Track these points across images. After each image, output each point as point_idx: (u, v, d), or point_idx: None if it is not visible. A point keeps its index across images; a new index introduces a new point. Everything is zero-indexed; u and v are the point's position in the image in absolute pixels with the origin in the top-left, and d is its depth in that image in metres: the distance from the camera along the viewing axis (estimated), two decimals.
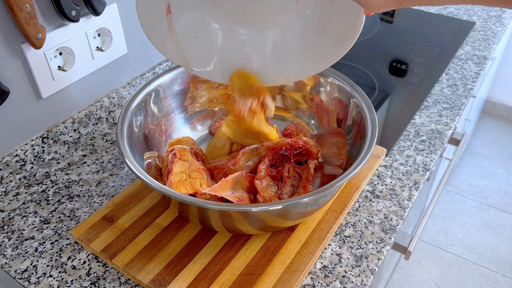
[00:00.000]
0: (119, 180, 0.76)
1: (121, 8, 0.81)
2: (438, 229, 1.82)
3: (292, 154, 0.67)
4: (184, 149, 0.65)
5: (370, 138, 0.61)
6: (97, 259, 0.63)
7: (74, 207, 0.71)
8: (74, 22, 0.71)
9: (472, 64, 1.08)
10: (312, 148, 0.67)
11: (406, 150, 0.82)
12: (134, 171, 0.56)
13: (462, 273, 1.66)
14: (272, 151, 0.67)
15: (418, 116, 0.91)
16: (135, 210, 0.67)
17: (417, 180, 0.76)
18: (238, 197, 0.61)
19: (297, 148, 0.67)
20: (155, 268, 0.59)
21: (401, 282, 1.63)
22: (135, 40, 0.87)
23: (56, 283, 0.60)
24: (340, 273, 0.61)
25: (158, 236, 0.63)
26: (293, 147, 0.67)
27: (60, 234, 0.67)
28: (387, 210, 0.70)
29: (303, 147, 0.67)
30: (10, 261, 0.63)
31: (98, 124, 0.85)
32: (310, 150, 0.67)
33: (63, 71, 0.75)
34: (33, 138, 0.75)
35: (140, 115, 0.68)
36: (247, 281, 0.58)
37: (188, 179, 0.62)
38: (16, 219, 0.69)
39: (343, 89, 0.71)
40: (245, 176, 0.64)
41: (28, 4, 0.62)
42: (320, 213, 0.66)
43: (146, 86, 0.70)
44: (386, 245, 0.65)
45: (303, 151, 0.67)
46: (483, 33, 1.21)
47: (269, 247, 0.62)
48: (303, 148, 0.67)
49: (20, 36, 0.66)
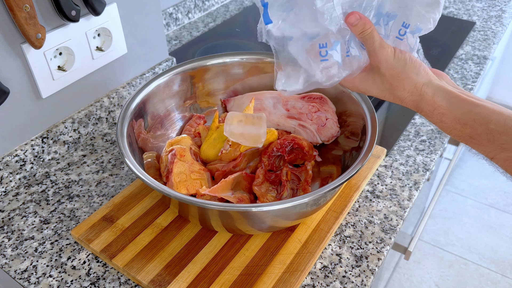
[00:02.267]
0: (119, 180, 0.76)
1: (121, 8, 0.81)
2: (438, 229, 1.82)
3: (284, 151, 0.67)
4: (184, 149, 0.65)
5: (370, 138, 0.61)
6: (97, 259, 0.63)
7: (74, 207, 0.71)
8: (74, 22, 0.71)
9: (472, 64, 1.08)
10: (302, 142, 0.68)
11: (406, 150, 0.82)
12: (134, 171, 0.56)
13: (462, 273, 1.66)
14: (265, 155, 0.67)
15: (418, 116, 0.91)
16: (135, 210, 0.67)
17: (417, 180, 0.76)
18: (238, 198, 0.61)
19: (287, 144, 0.67)
20: (155, 268, 0.59)
21: (401, 282, 1.63)
22: (135, 40, 0.86)
23: (56, 283, 0.60)
24: (340, 273, 0.61)
25: (158, 236, 0.63)
26: (283, 145, 0.67)
27: (60, 234, 0.67)
28: (387, 210, 0.70)
29: (292, 141, 0.67)
30: (10, 261, 0.63)
31: (98, 124, 0.85)
32: (301, 144, 0.67)
33: (63, 71, 0.74)
34: (33, 138, 0.75)
35: (140, 115, 0.68)
36: (247, 281, 0.58)
37: (188, 180, 0.62)
38: (16, 219, 0.69)
39: (343, 88, 0.71)
40: (245, 176, 0.64)
41: (28, 4, 0.62)
42: (320, 213, 0.66)
43: (146, 86, 0.70)
44: (386, 245, 0.65)
45: (294, 145, 0.67)
46: (483, 33, 1.21)
47: (269, 247, 0.62)
48: (293, 142, 0.67)
49: (20, 36, 0.66)
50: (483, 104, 0.50)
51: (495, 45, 1.16)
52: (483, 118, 0.49)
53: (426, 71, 0.54)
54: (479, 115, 0.49)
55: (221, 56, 0.77)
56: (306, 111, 0.73)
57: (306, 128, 0.73)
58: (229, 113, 0.65)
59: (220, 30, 1.26)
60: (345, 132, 0.71)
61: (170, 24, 1.23)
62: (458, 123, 0.51)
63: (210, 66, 0.76)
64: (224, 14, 1.34)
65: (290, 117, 0.75)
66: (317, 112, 0.72)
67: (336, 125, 0.71)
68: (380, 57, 0.53)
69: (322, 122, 0.72)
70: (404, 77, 0.53)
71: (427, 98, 0.52)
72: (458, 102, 0.51)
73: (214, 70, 0.77)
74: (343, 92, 0.71)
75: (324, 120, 0.72)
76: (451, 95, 0.51)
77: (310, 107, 0.72)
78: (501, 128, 0.48)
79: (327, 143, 0.73)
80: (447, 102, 0.51)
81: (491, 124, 0.48)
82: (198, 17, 1.32)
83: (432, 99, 0.52)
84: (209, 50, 1.15)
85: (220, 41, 1.20)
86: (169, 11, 1.20)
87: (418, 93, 0.53)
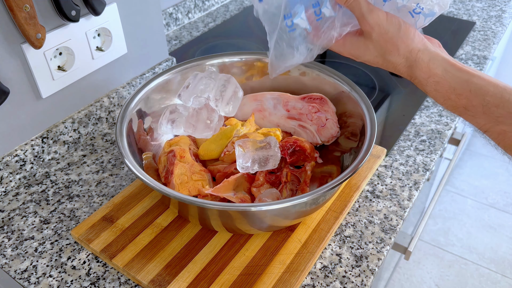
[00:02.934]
0: (119, 180, 0.76)
1: (121, 8, 0.81)
2: (438, 229, 1.82)
3: (286, 154, 0.67)
4: (184, 150, 0.65)
5: (369, 138, 0.61)
6: (97, 259, 0.63)
7: (74, 207, 0.71)
8: (74, 22, 0.71)
9: (472, 64, 1.08)
10: (304, 144, 0.67)
11: (406, 150, 0.82)
12: (134, 171, 0.56)
13: (462, 273, 1.66)
14: None
15: (418, 116, 0.91)
16: (135, 210, 0.67)
17: (417, 180, 0.76)
18: (240, 198, 0.61)
19: (289, 147, 0.67)
20: (155, 268, 0.59)
21: (401, 282, 1.63)
22: (135, 40, 0.87)
23: (56, 283, 0.60)
24: (340, 273, 0.61)
25: (158, 236, 0.63)
26: (285, 147, 0.67)
27: (60, 234, 0.67)
28: (387, 210, 0.70)
29: (294, 143, 0.67)
30: (10, 261, 0.63)
31: (98, 124, 0.85)
32: (303, 146, 0.67)
33: (63, 71, 0.74)
34: (33, 138, 0.75)
35: (139, 114, 0.68)
36: (247, 281, 0.58)
37: (190, 181, 0.62)
38: (16, 219, 0.69)
39: (343, 89, 0.71)
40: (246, 177, 0.64)
41: (28, 4, 0.62)
42: (320, 213, 0.66)
43: (146, 85, 0.70)
44: (386, 245, 0.65)
45: (296, 147, 0.67)
46: (483, 33, 1.21)
47: (269, 247, 0.62)
48: (295, 144, 0.67)
49: (20, 36, 0.66)
50: (479, 75, 0.48)
51: (495, 45, 1.16)
52: (479, 89, 0.48)
53: (421, 37, 0.52)
54: (475, 86, 0.48)
55: (220, 56, 0.77)
56: (306, 111, 0.73)
57: (306, 128, 0.73)
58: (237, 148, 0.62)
59: (220, 30, 1.26)
60: (345, 132, 0.71)
61: (170, 24, 1.23)
62: (453, 93, 0.49)
63: (209, 66, 0.76)
64: (224, 14, 1.34)
65: (290, 117, 0.75)
66: (317, 113, 0.72)
67: (336, 125, 0.71)
68: (371, 22, 0.51)
69: (322, 122, 0.72)
70: (399, 42, 0.51)
71: (422, 64, 0.51)
72: (454, 71, 0.49)
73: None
74: (342, 92, 0.71)
75: (324, 121, 0.72)
76: (447, 63, 0.50)
77: (310, 108, 0.72)
78: (497, 101, 0.47)
79: (327, 143, 0.73)
80: (443, 69, 0.50)
81: (487, 96, 0.47)
82: (198, 17, 1.32)
83: (427, 65, 0.51)
84: (209, 50, 1.15)
85: (220, 41, 1.20)
86: (169, 11, 1.20)
87: (413, 59, 0.51)
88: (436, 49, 0.52)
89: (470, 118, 0.50)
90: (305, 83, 0.76)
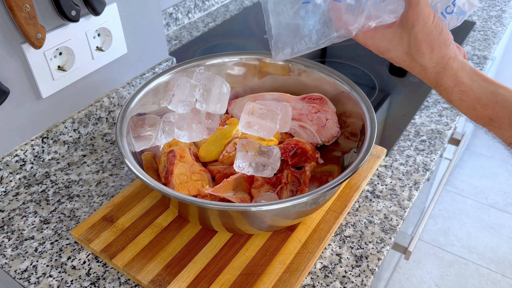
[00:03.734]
0: (119, 180, 0.76)
1: (121, 8, 0.81)
2: (438, 229, 1.82)
3: (288, 156, 0.67)
4: (184, 150, 0.65)
5: (369, 138, 0.61)
6: (97, 259, 0.63)
7: (74, 207, 0.71)
8: (74, 22, 0.71)
9: (472, 64, 1.08)
10: (305, 146, 0.67)
11: (406, 150, 0.82)
12: (134, 171, 0.56)
13: (462, 273, 1.66)
14: None
15: (418, 116, 0.91)
16: (135, 210, 0.67)
17: (417, 180, 0.76)
18: (240, 198, 0.61)
19: (290, 149, 0.67)
20: (155, 268, 0.59)
21: (401, 282, 1.63)
22: (135, 40, 0.87)
23: (56, 283, 0.60)
24: (340, 273, 0.61)
25: (158, 236, 0.63)
26: (286, 149, 0.67)
27: (60, 234, 0.67)
28: (387, 210, 0.70)
29: (296, 145, 0.67)
30: (10, 261, 0.63)
31: (98, 124, 0.85)
32: (304, 147, 0.67)
33: (63, 71, 0.74)
34: (33, 138, 0.75)
35: (139, 114, 0.68)
36: (247, 281, 0.58)
37: (190, 181, 0.62)
38: (16, 219, 0.69)
39: (343, 89, 0.71)
40: (246, 178, 0.64)
41: (28, 4, 0.62)
42: (320, 213, 0.66)
43: (146, 85, 0.70)
44: (386, 245, 0.65)
45: (297, 150, 0.67)
46: (483, 33, 1.21)
47: (269, 247, 0.62)
48: (297, 147, 0.67)
49: (20, 36, 0.66)
50: (506, 87, 0.48)
51: (495, 45, 1.16)
52: (506, 101, 0.47)
53: (454, 46, 0.52)
54: (502, 97, 0.47)
55: (220, 56, 0.77)
56: (306, 112, 0.73)
57: (306, 129, 0.73)
58: (239, 146, 0.63)
59: (220, 30, 1.26)
60: (345, 133, 0.71)
61: (170, 24, 1.23)
62: (479, 103, 0.49)
63: (209, 66, 0.76)
64: (224, 14, 1.34)
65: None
66: (317, 113, 0.72)
67: (336, 125, 0.71)
68: (421, 15, 0.49)
69: (322, 122, 0.72)
70: (436, 46, 0.50)
71: (451, 72, 0.50)
72: (481, 81, 0.49)
73: (214, 70, 0.77)
74: (342, 92, 0.71)
75: (324, 121, 0.72)
76: (474, 73, 0.49)
77: (310, 108, 0.72)
78: None
79: (327, 144, 0.73)
80: (470, 79, 0.49)
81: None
82: (198, 17, 1.32)
83: (456, 73, 0.50)
84: (209, 50, 1.15)
85: (220, 41, 1.20)
86: (169, 11, 1.20)
87: (443, 65, 0.51)
88: (464, 59, 0.51)
89: (495, 130, 0.49)
90: (305, 83, 0.76)
